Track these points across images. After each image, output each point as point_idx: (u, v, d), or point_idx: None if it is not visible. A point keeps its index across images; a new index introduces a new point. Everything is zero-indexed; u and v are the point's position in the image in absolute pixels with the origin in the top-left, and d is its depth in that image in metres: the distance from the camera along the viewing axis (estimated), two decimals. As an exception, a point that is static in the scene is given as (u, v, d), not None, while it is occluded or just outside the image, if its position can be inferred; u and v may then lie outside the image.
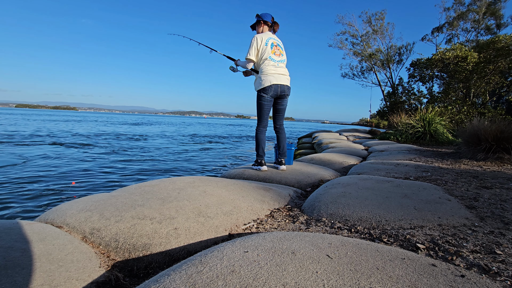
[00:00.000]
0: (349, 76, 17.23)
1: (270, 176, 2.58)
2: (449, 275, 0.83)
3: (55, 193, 3.27)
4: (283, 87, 2.65)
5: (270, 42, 2.64)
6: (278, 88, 2.62)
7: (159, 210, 1.43)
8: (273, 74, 2.60)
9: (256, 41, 2.62)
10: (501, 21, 15.53)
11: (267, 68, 2.61)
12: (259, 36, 2.65)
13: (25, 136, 9.55)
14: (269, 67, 2.61)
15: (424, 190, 1.89)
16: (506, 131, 3.71)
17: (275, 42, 2.69)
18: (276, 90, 2.62)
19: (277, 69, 2.63)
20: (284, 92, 2.67)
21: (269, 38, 2.67)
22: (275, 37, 2.73)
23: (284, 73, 2.69)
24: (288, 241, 0.99)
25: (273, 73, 2.60)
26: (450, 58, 10.50)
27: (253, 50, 2.63)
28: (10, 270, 0.87)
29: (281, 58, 2.69)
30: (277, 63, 2.65)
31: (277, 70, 2.63)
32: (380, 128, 16.71)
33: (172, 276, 0.79)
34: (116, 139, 10.10)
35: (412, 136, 7.43)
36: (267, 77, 2.59)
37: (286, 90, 2.68)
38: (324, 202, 1.70)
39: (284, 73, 2.69)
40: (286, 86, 2.67)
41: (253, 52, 2.63)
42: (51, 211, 1.44)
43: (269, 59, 2.62)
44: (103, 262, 1.09)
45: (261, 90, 2.63)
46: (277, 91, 2.63)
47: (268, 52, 2.62)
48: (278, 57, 2.66)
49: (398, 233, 1.28)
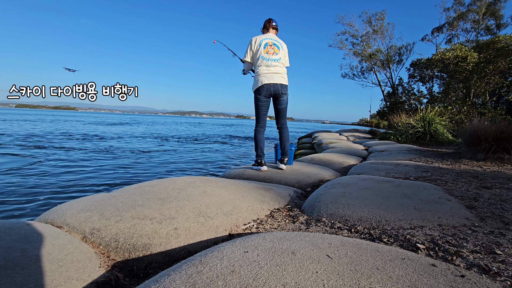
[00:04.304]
0: (349, 76, 17.24)
1: (270, 176, 2.58)
2: (449, 275, 0.83)
3: (56, 193, 3.27)
4: (276, 86, 2.62)
5: (264, 42, 2.67)
6: (271, 87, 2.61)
7: (159, 210, 1.43)
8: (265, 74, 2.62)
9: (250, 43, 2.71)
10: (501, 21, 15.53)
11: (259, 69, 2.65)
12: (254, 37, 2.72)
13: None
14: (261, 67, 2.64)
15: (424, 190, 1.89)
16: (506, 131, 3.71)
17: (270, 41, 2.69)
18: (269, 90, 2.62)
19: (270, 68, 2.64)
20: (278, 91, 2.64)
21: (265, 38, 2.70)
22: (273, 37, 2.74)
23: (278, 72, 2.65)
24: (288, 241, 0.99)
25: (265, 73, 2.62)
26: (450, 58, 10.50)
27: (247, 51, 2.72)
28: (10, 270, 0.87)
29: (275, 57, 2.67)
30: (269, 62, 2.64)
31: (269, 69, 2.63)
32: (380, 128, 16.71)
33: (172, 276, 0.79)
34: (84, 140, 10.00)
35: (412, 136, 7.43)
36: (259, 77, 2.63)
37: (280, 89, 2.64)
38: (324, 202, 1.70)
39: (278, 71, 2.65)
40: (280, 84, 2.64)
41: (248, 53, 2.72)
42: (51, 211, 1.44)
43: (261, 58, 2.65)
44: (103, 262, 1.09)
45: (255, 91, 2.67)
46: (270, 91, 2.62)
47: (260, 52, 2.66)
48: (271, 56, 2.66)
49: (398, 233, 1.28)
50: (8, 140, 8.15)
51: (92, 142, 8.88)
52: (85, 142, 8.95)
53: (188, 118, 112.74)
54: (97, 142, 9.12)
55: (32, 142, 8.07)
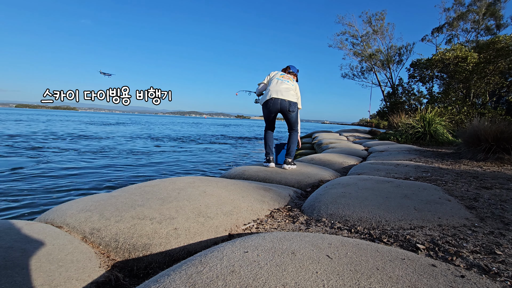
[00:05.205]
0: (349, 76, 17.23)
1: (270, 176, 2.58)
2: (449, 276, 0.83)
3: (56, 193, 3.27)
4: (284, 103, 2.77)
5: (279, 74, 3.00)
6: (278, 102, 2.77)
7: (159, 210, 1.43)
8: (274, 89, 2.81)
9: (269, 73, 3.09)
10: (501, 22, 15.53)
11: (270, 85, 2.87)
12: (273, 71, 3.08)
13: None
14: (273, 84, 2.86)
15: (424, 191, 1.89)
16: (506, 131, 3.71)
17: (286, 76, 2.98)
18: (276, 105, 2.78)
19: (280, 85, 2.84)
20: (285, 108, 2.79)
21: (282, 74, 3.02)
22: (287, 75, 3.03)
23: (287, 88, 2.83)
24: (288, 242, 0.99)
25: (275, 88, 2.82)
26: (450, 58, 10.50)
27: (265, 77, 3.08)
28: (10, 270, 0.87)
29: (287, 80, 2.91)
30: (282, 81, 2.89)
31: (279, 86, 2.83)
32: (380, 128, 16.71)
33: (172, 276, 0.79)
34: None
35: (412, 136, 7.43)
36: (269, 92, 2.83)
37: (288, 106, 2.79)
38: (324, 203, 1.70)
39: (287, 88, 2.83)
40: (288, 101, 2.78)
41: (265, 78, 3.08)
42: (51, 211, 1.44)
43: (275, 79, 2.92)
44: (103, 262, 1.09)
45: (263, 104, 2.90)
46: (277, 106, 2.78)
47: (275, 76, 2.96)
48: (283, 78, 2.92)
49: (398, 234, 1.28)
50: (7, 140, 8.16)
51: (92, 142, 8.89)
52: (85, 142, 8.96)
53: (188, 118, 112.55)
54: (97, 142, 9.13)
55: (29, 143, 8.08)
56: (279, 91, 2.78)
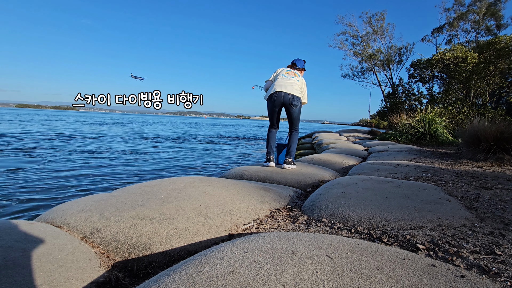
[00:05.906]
0: (349, 76, 17.21)
1: (270, 177, 2.58)
2: (449, 276, 0.83)
3: (56, 193, 3.27)
4: (287, 96, 2.82)
5: (285, 70, 3.04)
6: (282, 96, 2.82)
7: (159, 210, 1.43)
8: (279, 83, 2.87)
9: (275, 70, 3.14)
10: (501, 22, 15.51)
11: (275, 81, 2.93)
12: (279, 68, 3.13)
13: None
14: (278, 79, 2.93)
15: (424, 191, 1.89)
16: (506, 131, 3.71)
17: (292, 72, 3.02)
18: (280, 98, 2.83)
19: (284, 80, 2.90)
20: (288, 101, 2.83)
21: (288, 70, 3.05)
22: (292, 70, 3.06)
23: (293, 83, 2.88)
24: (288, 242, 0.99)
25: (280, 83, 2.88)
26: (450, 58, 10.50)
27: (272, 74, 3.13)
28: (10, 270, 0.87)
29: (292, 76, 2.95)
30: (287, 77, 2.95)
31: (284, 81, 2.89)
32: (380, 128, 16.70)
33: (172, 276, 0.79)
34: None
35: (412, 136, 7.43)
36: (273, 86, 2.90)
37: (291, 99, 2.83)
38: (324, 203, 1.70)
39: (293, 83, 2.88)
40: (291, 95, 2.83)
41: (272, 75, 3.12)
42: (51, 211, 1.44)
43: (281, 75, 2.97)
44: (103, 262, 1.09)
45: (267, 98, 2.96)
46: (280, 100, 2.83)
47: (281, 73, 3.01)
48: (288, 75, 2.97)
49: (398, 234, 1.28)
50: (7, 141, 8.15)
51: (92, 142, 8.89)
52: (85, 142, 8.96)
53: (188, 118, 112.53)
54: (97, 142, 9.12)
55: (28, 143, 8.08)
56: (283, 85, 2.85)
